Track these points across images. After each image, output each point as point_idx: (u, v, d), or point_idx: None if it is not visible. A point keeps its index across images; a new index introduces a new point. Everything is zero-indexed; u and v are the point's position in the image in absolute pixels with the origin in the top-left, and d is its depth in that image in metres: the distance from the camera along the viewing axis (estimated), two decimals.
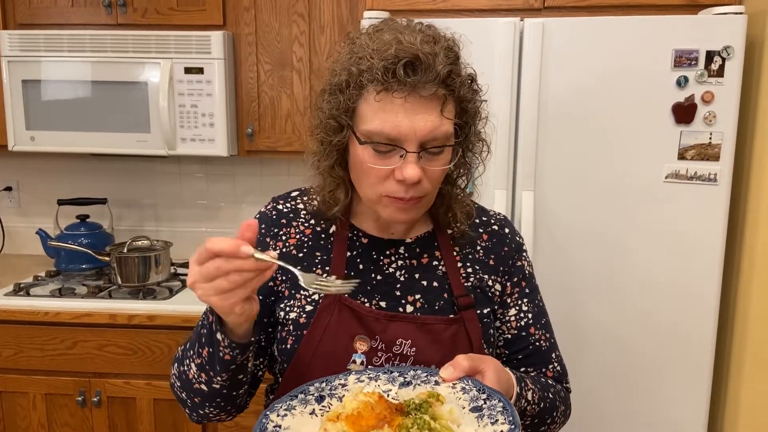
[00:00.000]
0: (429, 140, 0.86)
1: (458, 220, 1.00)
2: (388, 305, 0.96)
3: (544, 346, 1.04)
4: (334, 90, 0.89)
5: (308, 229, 1.02)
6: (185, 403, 0.95)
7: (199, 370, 0.88)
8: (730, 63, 1.59)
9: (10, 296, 2.01)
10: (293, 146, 2.14)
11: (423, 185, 0.88)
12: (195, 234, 2.54)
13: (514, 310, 1.03)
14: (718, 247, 1.66)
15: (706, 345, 1.70)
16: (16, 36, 2.09)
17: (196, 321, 1.86)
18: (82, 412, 1.97)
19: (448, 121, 0.87)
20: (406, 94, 0.83)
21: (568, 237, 1.72)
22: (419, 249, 1.01)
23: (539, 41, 1.63)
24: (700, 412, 1.73)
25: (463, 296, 0.97)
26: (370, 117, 0.86)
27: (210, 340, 0.84)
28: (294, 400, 0.80)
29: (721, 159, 1.62)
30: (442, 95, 0.85)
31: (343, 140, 0.91)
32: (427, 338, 0.94)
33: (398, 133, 0.84)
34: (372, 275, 0.98)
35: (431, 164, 0.88)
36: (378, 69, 0.83)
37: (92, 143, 2.14)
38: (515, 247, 1.06)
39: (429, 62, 0.83)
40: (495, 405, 0.76)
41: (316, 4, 2.07)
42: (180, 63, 2.06)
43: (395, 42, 0.84)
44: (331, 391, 0.82)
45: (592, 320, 1.74)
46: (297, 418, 0.78)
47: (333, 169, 0.95)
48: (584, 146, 1.68)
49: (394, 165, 0.86)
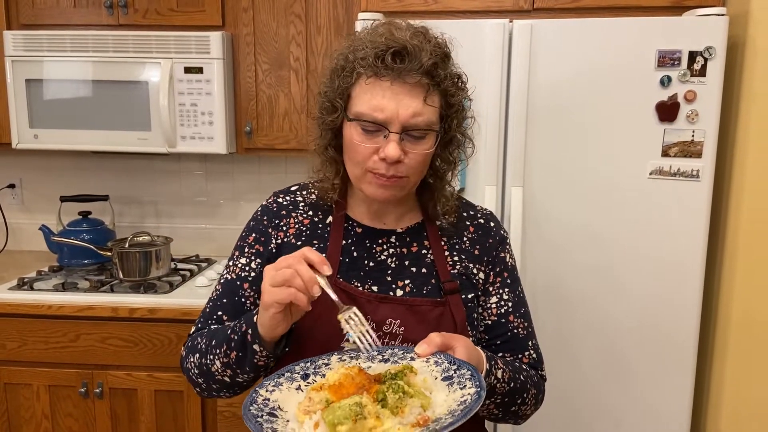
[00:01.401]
0: (411, 124, 0.94)
1: (446, 212, 1.08)
2: (379, 289, 1.04)
3: (522, 334, 1.10)
4: (331, 74, 1.00)
5: (306, 220, 1.09)
6: (200, 385, 1.04)
7: (224, 367, 0.98)
8: (712, 63, 1.64)
9: (14, 290, 2.05)
10: (290, 144, 2.19)
11: (404, 166, 0.96)
12: (194, 230, 2.59)
13: (495, 299, 1.09)
14: (701, 241, 1.71)
15: (690, 338, 1.75)
16: (20, 36, 2.13)
17: (195, 314, 1.94)
18: (85, 403, 2.02)
19: (431, 108, 0.95)
20: (392, 79, 0.93)
21: (555, 231, 1.77)
22: (409, 238, 1.08)
23: (528, 41, 1.68)
24: (684, 403, 1.78)
25: (449, 281, 1.05)
26: (360, 99, 0.96)
27: (242, 347, 0.94)
28: (281, 378, 0.87)
29: (704, 156, 1.67)
30: (426, 84, 0.94)
31: (336, 120, 1.00)
32: (415, 318, 1.01)
33: (383, 114, 0.93)
34: (365, 262, 1.05)
35: (413, 148, 0.96)
36: (370, 56, 0.93)
37: (94, 141, 2.18)
38: (499, 240, 1.13)
39: (415, 53, 0.92)
40: (464, 374, 0.82)
41: (312, 5, 2.12)
42: (180, 63, 2.10)
43: (388, 34, 0.95)
44: (315, 370, 0.89)
45: (579, 313, 1.79)
46: (284, 393, 0.85)
47: (326, 150, 1.04)
48: (571, 143, 1.73)
49: (378, 144, 0.95)
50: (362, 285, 1.03)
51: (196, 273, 2.28)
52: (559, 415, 1.83)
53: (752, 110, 1.69)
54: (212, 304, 1.09)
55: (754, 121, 1.68)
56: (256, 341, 0.91)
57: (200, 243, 2.57)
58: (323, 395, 0.78)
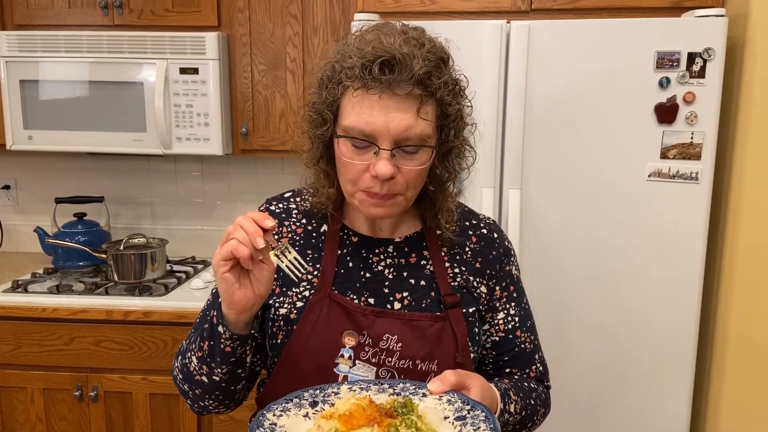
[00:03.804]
0: (403, 139, 0.87)
1: (447, 222, 1.02)
2: (376, 302, 0.99)
3: (529, 348, 1.08)
4: (319, 85, 0.94)
5: (300, 228, 1.04)
6: (187, 394, 1.00)
7: (200, 362, 0.93)
8: (711, 64, 1.63)
9: (8, 293, 2.04)
10: (287, 145, 2.18)
11: (397, 183, 0.90)
12: (190, 232, 2.57)
13: (502, 314, 1.06)
14: (700, 244, 1.70)
15: (689, 340, 1.74)
16: (14, 37, 2.12)
17: (190, 317, 1.92)
18: (80, 406, 2.01)
19: (425, 122, 0.88)
20: (380, 92, 0.86)
21: (553, 234, 1.76)
22: (408, 248, 1.03)
23: (525, 43, 1.67)
24: (683, 403, 1.77)
25: (449, 295, 1.00)
26: (348, 112, 0.89)
27: (211, 333, 0.90)
28: (289, 403, 0.85)
29: (703, 158, 1.66)
30: (419, 95, 0.86)
31: (325, 134, 0.94)
32: (414, 334, 0.96)
33: (372, 130, 0.87)
34: (361, 273, 1.00)
35: (406, 163, 0.90)
36: (357, 66, 0.86)
37: (89, 142, 2.17)
38: (503, 252, 1.08)
39: (405, 62, 0.85)
40: (478, 415, 0.80)
41: (309, 6, 2.10)
42: (175, 63, 2.09)
43: (376, 41, 0.87)
44: (324, 398, 0.86)
45: (577, 316, 1.78)
46: (291, 418, 0.82)
47: (318, 163, 0.98)
48: (569, 145, 1.72)
49: (369, 161, 0.89)
50: (358, 297, 0.99)
51: (192, 275, 2.26)
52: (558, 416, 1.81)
53: (751, 112, 1.68)
54: (202, 314, 1.04)
55: (753, 123, 1.67)
56: (220, 322, 0.88)
57: (196, 244, 2.55)
58: (333, 424, 0.77)
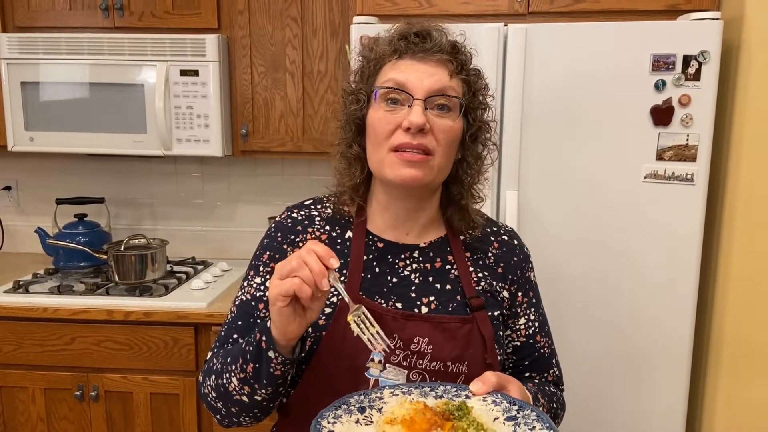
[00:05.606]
0: (435, 91, 0.94)
1: (471, 227, 1.06)
2: (404, 306, 1.00)
3: (547, 353, 1.12)
4: (359, 72, 1.02)
5: (324, 235, 1.05)
6: (219, 411, 0.99)
7: (241, 383, 0.92)
8: (706, 67, 1.64)
9: (9, 293, 2.05)
10: (286, 147, 2.19)
11: (429, 139, 0.94)
12: (191, 233, 2.58)
13: (523, 320, 1.09)
14: (696, 244, 1.72)
15: (684, 339, 1.75)
16: (15, 39, 2.13)
17: (190, 317, 1.94)
18: (81, 406, 2.02)
19: (456, 84, 0.97)
20: (416, 55, 0.96)
21: (550, 235, 1.77)
22: (432, 253, 1.05)
23: (522, 46, 1.68)
24: (678, 403, 1.79)
25: (474, 298, 1.02)
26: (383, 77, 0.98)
27: (258, 356, 0.89)
28: (339, 410, 0.85)
29: (698, 160, 1.68)
30: (450, 64, 0.96)
31: (361, 110, 1.00)
32: (443, 336, 0.98)
33: (406, 80, 0.94)
34: (388, 278, 1.02)
35: (437, 121, 0.95)
36: (394, 38, 0.98)
37: (90, 144, 2.18)
38: (524, 258, 1.11)
39: (437, 36, 0.97)
40: (529, 414, 0.82)
41: (308, 8, 2.12)
42: (175, 65, 2.11)
43: (407, 23, 0.99)
44: (370, 403, 0.87)
45: (573, 316, 1.79)
46: (345, 425, 0.83)
47: (350, 147, 1.02)
48: (566, 147, 1.73)
49: (402, 118, 0.94)
50: (386, 302, 0.99)
51: (192, 275, 2.27)
52: None
53: (746, 114, 1.69)
54: (227, 327, 1.04)
55: (748, 125, 1.69)
56: (270, 347, 0.87)
57: (196, 245, 2.57)
58: (397, 429, 0.79)
